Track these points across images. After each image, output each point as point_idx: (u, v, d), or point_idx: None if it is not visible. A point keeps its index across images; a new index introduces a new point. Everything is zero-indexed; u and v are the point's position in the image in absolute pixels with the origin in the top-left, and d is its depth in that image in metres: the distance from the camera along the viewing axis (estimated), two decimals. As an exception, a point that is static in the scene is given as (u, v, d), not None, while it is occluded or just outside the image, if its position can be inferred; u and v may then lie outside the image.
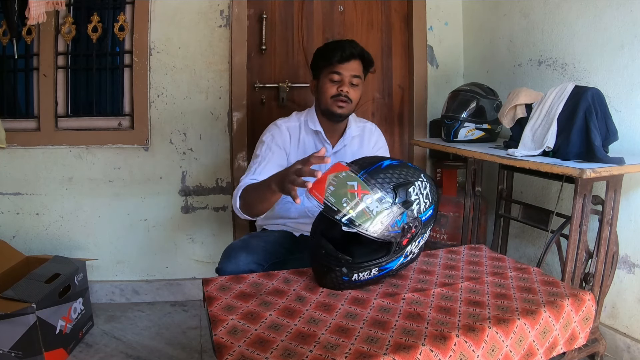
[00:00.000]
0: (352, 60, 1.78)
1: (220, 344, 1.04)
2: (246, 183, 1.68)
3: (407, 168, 1.31)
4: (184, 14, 2.60)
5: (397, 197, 1.23)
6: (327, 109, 1.82)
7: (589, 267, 1.88)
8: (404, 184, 1.26)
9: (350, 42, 1.81)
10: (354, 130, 1.93)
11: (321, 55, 1.83)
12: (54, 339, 1.99)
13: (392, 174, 1.26)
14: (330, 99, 1.80)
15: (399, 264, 1.32)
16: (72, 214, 2.60)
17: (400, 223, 1.24)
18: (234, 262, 1.57)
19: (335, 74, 1.79)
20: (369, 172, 1.25)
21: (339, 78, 1.79)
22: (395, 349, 1.02)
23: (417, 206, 1.27)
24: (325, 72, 1.81)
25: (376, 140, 1.99)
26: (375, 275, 1.30)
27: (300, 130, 1.89)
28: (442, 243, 2.62)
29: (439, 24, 2.91)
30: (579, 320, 1.29)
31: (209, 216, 2.72)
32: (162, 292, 2.68)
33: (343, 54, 1.76)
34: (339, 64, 1.77)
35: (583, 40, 2.12)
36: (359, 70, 1.81)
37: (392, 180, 1.25)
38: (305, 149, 1.88)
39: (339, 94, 1.78)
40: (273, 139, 1.84)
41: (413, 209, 1.26)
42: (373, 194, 1.21)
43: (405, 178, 1.27)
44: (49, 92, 2.53)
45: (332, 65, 1.78)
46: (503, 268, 1.49)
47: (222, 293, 1.29)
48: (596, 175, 1.60)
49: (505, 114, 2.05)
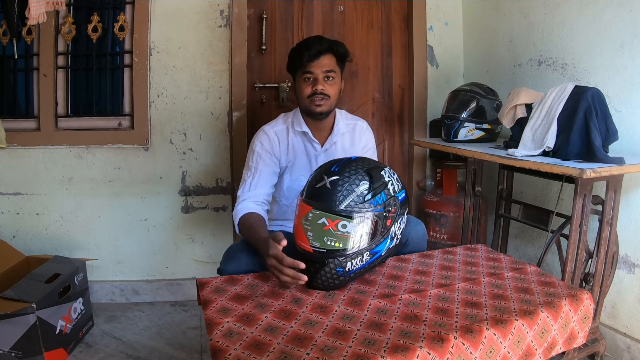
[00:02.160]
0: (322, 57, 1.77)
1: (216, 347, 1.03)
2: (244, 209, 1.71)
3: (372, 160, 1.42)
4: (184, 14, 2.60)
5: (372, 178, 1.31)
6: (307, 109, 1.82)
7: (589, 267, 1.88)
8: (375, 168, 1.36)
9: (316, 39, 1.80)
10: (342, 127, 1.92)
11: (292, 57, 1.83)
12: (54, 339, 1.99)
13: (362, 163, 1.36)
14: (307, 99, 1.80)
15: (387, 247, 1.36)
16: (72, 214, 2.60)
17: (381, 201, 1.30)
18: (235, 262, 1.58)
19: (307, 74, 1.78)
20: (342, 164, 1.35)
21: (312, 77, 1.78)
22: (393, 351, 1.02)
23: (391, 186, 1.36)
24: (299, 73, 1.81)
25: (366, 140, 1.98)
26: (368, 262, 1.32)
27: (288, 132, 1.89)
28: (442, 243, 2.61)
29: (439, 24, 2.91)
30: (577, 320, 1.29)
31: (209, 216, 2.72)
32: (162, 292, 2.68)
33: (309, 53, 1.75)
34: (309, 62, 1.76)
35: (583, 40, 2.11)
36: (331, 65, 1.79)
37: (364, 166, 1.35)
38: (295, 151, 1.88)
39: (314, 92, 1.78)
40: (262, 146, 1.84)
41: (389, 189, 1.33)
42: (344, 220, 1.27)
43: (375, 164, 1.38)
44: (49, 92, 2.53)
45: (304, 66, 1.77)
46: (500, 268, 1.49)
47: (217, 295, 1.29)
48: (596, 175, 1.60)
49: (505, 114, 2.04)
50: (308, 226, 1.30)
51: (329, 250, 1.27)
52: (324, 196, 1.29)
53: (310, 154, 1.89)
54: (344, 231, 1.25)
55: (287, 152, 1.87)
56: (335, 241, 1.26)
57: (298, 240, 1.34)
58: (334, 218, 1.26)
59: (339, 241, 1.26)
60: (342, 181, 1.29)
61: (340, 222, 1.26)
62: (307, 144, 1.89)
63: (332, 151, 1.90)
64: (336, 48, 1.80)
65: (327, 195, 1.28)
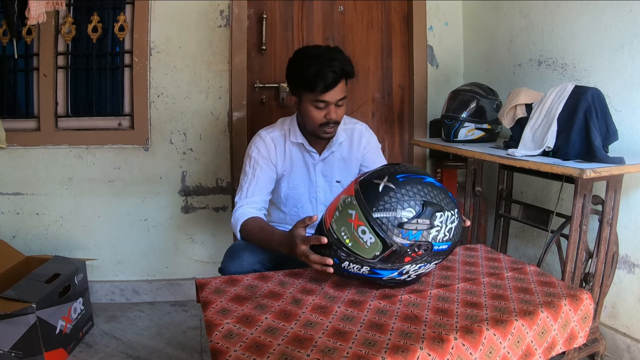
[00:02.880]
0: (337, 85, 1.64)
1: (216, 349, 1.03)
2: (244, 214, 1.68)
3: (447, 196, 1.27)
4: (184, 14, 2.60)
5: (422, 213, 1.20)
6: (315, 133, 1.75)
7: (589, 267, 1.88)
8: (436, 206, 1.22)
9: (330, 65, 1.60)
10: (341, 137, 1.85)
11: (300, 80, 1.66)
12: (54, 339, 1.99)
13: (429, 192, 1.23)
14: (318, 127, 1.71)
15: (390, 277, 1.28)
16: (72, 214, 2.60)
17: (412, 238, 1.20)
18: (237, 262, 1.57)
19: (320, 102, 1.66)
20: (410, 178, 1.23)
21: (325, 105, 1.66)
22: (393, 352, 1.02)
23: (435, 232, 1.22)
24: (308, 98, 1.67)
25: (367, 141, 1.90)
26: (364, 274, 1.27)
27: (285, 139, 1.83)
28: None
29: (439, 24, 2.91)
30: (577, 320, 1.29)
31: (209, 216, 2.72)
32: (162, 292, 2.69)
33: (326, 83, 1.61)
34: (322, 93, 1.63)
35: (583, 40, 2.11)
36: (343, 90, 1.68)
37: (427, 197, 1.22)
38: (292, 159, 1.84)
39: (328, 122, 1.69)
40: (259, 152, 1.79)
41: (430, 232, 1.22)
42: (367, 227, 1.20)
43: (440, 203, 1.23)
44: (49, 92, 2.53)
45: (315, 94, 1.64)
46: (499, 268, 1.49)
47: (216, 296, 1.28)
48: (596, 175, 1.60)
49: (505, 114, 2.04)
50: (340, 206, 1.26)
51: (338, 239, 1.24)
52: (370, 194, 1.22)
53: (308, 163, 1.85)
54: (360, 236, 1.21)
55: (284, 160, 1.83)
56: (349, 237, 1.23)
57: (327, 210, 1.30)
58: (361, 219, 1.21)
59: (350, 240, 1.23)
60: (394, 194, 1.20)
61: (363, 226, 1.21)
62: (304, 153, 1.84)
63: (330, 160, 1.86)
64: (348, 69, 1.66)
65: (373, 195, 1.21)
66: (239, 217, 1.68)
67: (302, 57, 1.67)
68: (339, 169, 1.88)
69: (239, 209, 1.72)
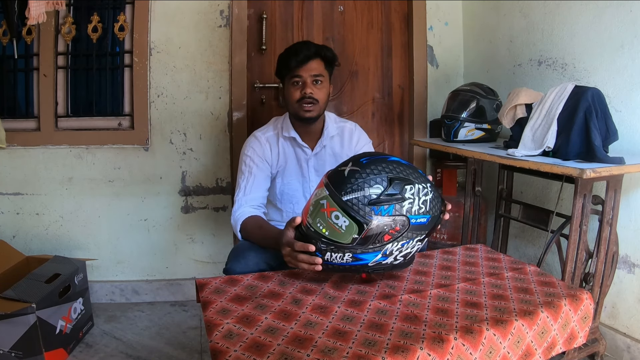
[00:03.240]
0: (310, 61, 1.78)
1: (216, 349, 1.03)
2: (244, 214, 1.71)
3: (415, 171, 1.28)
4: (184, 14, 2.60)
5: (389, 186, 1.22)
6: (296, 113, 1.82)
7: (589, 267, 1.88)
8: (403, 180, 1.23)
9: (304, 44, 1.81)
10: (331, 130, 1.92)
11: (281, 62, 1.83)
12: (54, 339, 1.99)
13: (394, 168, 1.25)
14: (296, 104, 1.80)
15: (375, 260, 1.27)
16: (72, 214, 2.60)
17: (386, 213, 1.21)
18: (243, 262, 1.58)
19: (296, 78, 1.79)
20: (373, 159, 1.26)
21: (300, 81, 1.79)
22: (394, 352, 1.02)
23: (408, 205, 1.23)
24: (288, 78, 1.81)
25: (358, 138, 1.96)
26: (349, 264, 1.27)
27: (278, 138, 1.89)
28: (442, 243, 2.61)
29: (439, 24, 2.91)
30: (577, 320, 1.29)
31: (209, 216, 2.72)
32: (162, 292, 2.69)
33: (297, 58, 1.76)
34: (297, 68, 1.77)
35: (583, 40, 2.11)
36: (319, 69, 1.80)
37: (392, 173, 1.24)
38: (286, 156, 1.89)
39: (303, 96, 1.78)
40: (254, 151, 1.85)
41: (403, 205, 1.22)
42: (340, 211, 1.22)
43: (408, 177, 1.24)
44: (49, 92, 2.53)
45: (292, 70, 1.78)
46: (499, 268, 1.49)
47: (216, 296, 1.28)
48: (596, 175, 1.60)
49: (505, 114, 2.04)
50: (313, 200, 1.29)
51: (315, 232, 1.26)
52: (337, 181, 1.25)
53: (301, 159, 1.90)
54: (335, 221, 1.23)
55: (278, 158, 1.89)
56: (324, 227, 1.24)
57: (303, 210, 1.34)
58: (332, 205, 1.23)
59: (327, 228, 1.24)
60: (360, 175, 1.23)
61: (336, 211, 1.23)
62: (297, 148, 1.90)
63: (322, 155, 1.91)
64: (324, 53, 1.81)
65: (340, 181, 1.24)
66: (238, 217, 1.72)
67: (286, 48, 1.86)
68: (330, 165, 1.90)
69: (239, 209, 1.75)
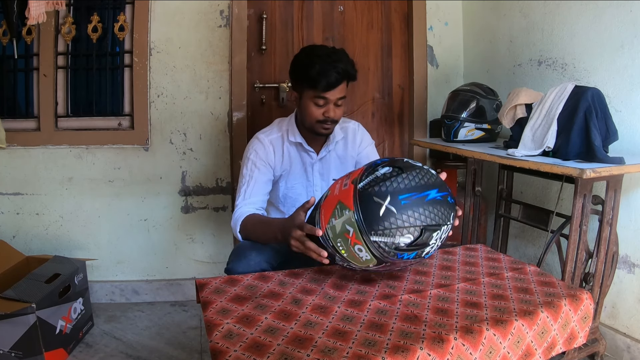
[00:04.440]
0: (339, 85, 1.69)
1: (216, 349, 1.03)
2: (244, 213, 1.70)
3: (447, 208, 1.22)
4: (184, 14, 2.60)
5: (421, 238, 1.18)
6: (312, 129, 1.77)
7: (589, 267, 1.88)
8: (433, 227, 1.18)
9: (334, 66, 1.65)
10: (337, 134, 1.89)
11: (304, 76, 1.69)
12: (54, 339, 1.99)
13: (430, 213, 1.18)
14: (315, 123, 1.74)
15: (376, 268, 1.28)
16: (72, 214, 2.60)
17: (406, 257, 1.21)
18: (244, 261, 1.57)
19: (320, 99, 1.70)
20: (415, 200, 1.17)
21: (324, 102, 1.70)
22: (394, 352, 1.02)
23: (429, 249, 1.22)
24: (309, 94, 1.71)
25: (361, 139, 1.94)
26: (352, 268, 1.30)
27: (283, 141, 1.85)
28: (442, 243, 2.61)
29: (439, 24, 2.91)
30: (577, 320, 1.29)
31: (209, 216, 2.72)
32: (162, 292, 2.69)
33: (328, 80, 1.65)
34: (324, 90, 1.67)
35: (583, 40, 2.11)
36: (344, 91, 1.72)
37: (427, 220, 1.18)
38: (291, 159, 1.86)
39: (326, 119, 1.72)
40: (257, 155, 1.80)
41: (424, 250, 1.21)
42: (364, 247, 1.19)
43: (439, 220, 1.19)
44: (49, 92, 2.53)
45: (317, 90, 1.68)
46: (499, 268, 1.49)
47: (216, 296, 1.28)
48: (596, 175, 1.60)
49: (505, 114, 2.04)
50: (337, 214, 1.21)
51: (333, 247, 1.25)
52: (369, 214, 1.17)
53: (306, 163, 1.88)
54: (356, 252, 1.21)
55: (282, 161, 1.85)
56: (344, 249, 1.23)
57: (323, 210, 1.26)
58: (358, 238, 1.18)
59: (346, 251, 1.23)
60: (395, 220, 1.16)
61: (360, 245, 1.19)
62: (302, 153, 1.87)
63: (327, 159, 1.90)
64: (351, 72, 1.70)
65: (372, 218, 1.16)
66: (237, 218, 1.70)
67: (309, 55, 1.71)
68: (335, 168, 1.91)
69: (238, 210, 1.74)
